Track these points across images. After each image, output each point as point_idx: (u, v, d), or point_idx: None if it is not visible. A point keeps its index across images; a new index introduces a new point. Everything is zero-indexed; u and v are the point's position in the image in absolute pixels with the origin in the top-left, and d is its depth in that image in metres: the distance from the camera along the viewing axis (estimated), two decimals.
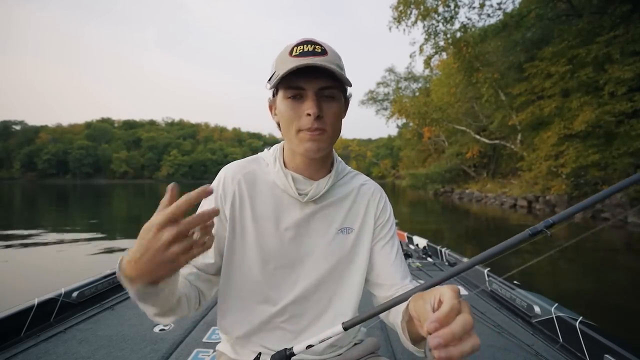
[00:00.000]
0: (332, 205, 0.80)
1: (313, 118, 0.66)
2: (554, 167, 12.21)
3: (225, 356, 0.86)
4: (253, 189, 0.78)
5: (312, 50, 0.67)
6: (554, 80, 12.43)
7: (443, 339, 0.37)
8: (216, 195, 0.78)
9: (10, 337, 1.51)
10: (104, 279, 2.15)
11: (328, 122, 0.69)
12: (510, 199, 14.80)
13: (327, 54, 0.68)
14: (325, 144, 0.71)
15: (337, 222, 0.79)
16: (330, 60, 0.67)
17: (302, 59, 0.65)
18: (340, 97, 0.72)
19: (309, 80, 0.66)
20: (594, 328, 1.44)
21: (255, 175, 0.80)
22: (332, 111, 0.69)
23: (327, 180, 0.78)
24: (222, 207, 0.77)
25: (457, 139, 24.07)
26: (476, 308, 1.89)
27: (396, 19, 17.41)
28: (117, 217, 12.19)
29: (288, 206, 0.78)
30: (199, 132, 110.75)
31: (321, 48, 0.68)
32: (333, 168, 0.80)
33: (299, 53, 0.67)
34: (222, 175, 0.80)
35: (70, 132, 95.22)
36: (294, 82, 0.67)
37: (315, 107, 0.66)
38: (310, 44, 0.68)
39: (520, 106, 15.14)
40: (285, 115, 0.70)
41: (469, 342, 0.38)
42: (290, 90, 0.68)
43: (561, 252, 6.00)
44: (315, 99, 0.67)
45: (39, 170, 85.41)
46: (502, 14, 15.89)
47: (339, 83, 0.69)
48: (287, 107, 0.69)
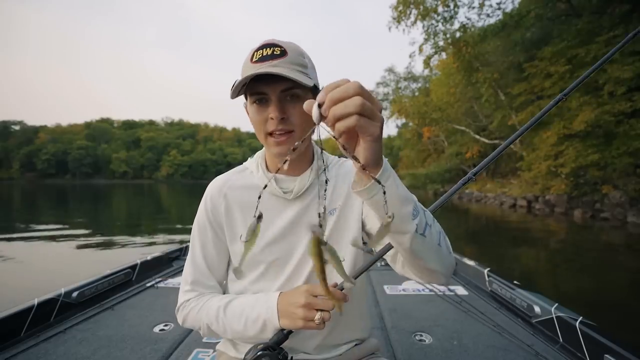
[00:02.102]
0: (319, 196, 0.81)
1: (277, 121, 0.68)
2: (553, 167, 12.22)
3: (225, 355, 0.86)
4: (240, 197, 0.81)
5: (270, 54, 0.67)
6: (554, 80, 12.44)
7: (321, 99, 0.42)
8: (207, 210, 0.82)
9: (10, 337, 1.51)
10: (104, 279, 2.15)
11: (295, 122, 0.70)
12: (510, 199, 14.81)
13: (287, 55, 0.68)
14: (293, 145, 0.71)
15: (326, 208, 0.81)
16: (290, 61, 0.68)
17: (261, 64, 0.67)
18: (307, 96, 0.71)
19: (269, 84, 0.68)
20: (594, 328, 1.44)
21: (240, 184, 0.83)
22: (297, 111, 0.70)
23: (309, 174, 0.80)
24: (216, 219, 0.81)
25: (457, 138, 24.07)
26: (476, 308, 1.89)
27: (396, 19, 17.45)
28: (117, 217, 12.18)
29: (276, 207, 0.79)
30: (199, 132, 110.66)
31: (280, 49, 0.68)
32: (314, 161, 0.82)
33: (258, 58, 0.68)
34: (208, 191, 0.84)
35: (70, 132, 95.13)
36: (256, 88, 0.69)
37: (276, 110, 0.68)
38: (269, 47, 0.68)
39: (520, 106, 15.15)
40: (253, 120, 0.73)
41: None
42: (254, 96, 0.71)
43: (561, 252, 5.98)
44: (277, 102, 0.69)
45: (38, 171, 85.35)
46: (501, 14, 15.93)
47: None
48: (254, 112, 0.72)
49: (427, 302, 2.06)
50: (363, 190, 0.51)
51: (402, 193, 0.54)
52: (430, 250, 0.60)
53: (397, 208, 0.53)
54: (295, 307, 0.69)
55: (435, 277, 0.66)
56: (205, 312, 0.78)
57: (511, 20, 14.93)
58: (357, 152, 0.47)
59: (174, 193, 31.86)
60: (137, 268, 2.42)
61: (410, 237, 0.56)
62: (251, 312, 0.74)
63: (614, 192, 10.56)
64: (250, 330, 0.74)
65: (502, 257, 5.78)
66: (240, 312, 0.75)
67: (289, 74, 0.65)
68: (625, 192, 10.26)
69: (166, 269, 2.65)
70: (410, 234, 0.56)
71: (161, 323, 1.74)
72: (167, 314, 1.84)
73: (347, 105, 0.41)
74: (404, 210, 0.54)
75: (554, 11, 14.38)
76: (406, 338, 1.62)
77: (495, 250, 6.38)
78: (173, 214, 13.23)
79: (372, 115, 0.43)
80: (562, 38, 12.74)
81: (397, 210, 0.53)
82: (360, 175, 0.51)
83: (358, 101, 0.41)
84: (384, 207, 0.48)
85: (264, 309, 0.73)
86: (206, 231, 0.82)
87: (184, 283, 0.83)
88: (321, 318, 0.66)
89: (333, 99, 0.41)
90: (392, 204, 0.52)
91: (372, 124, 0.43)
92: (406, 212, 0.54)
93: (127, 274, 2.34)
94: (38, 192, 31.07)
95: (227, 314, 0.76)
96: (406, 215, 0.55)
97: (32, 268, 4.73)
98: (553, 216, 11.24)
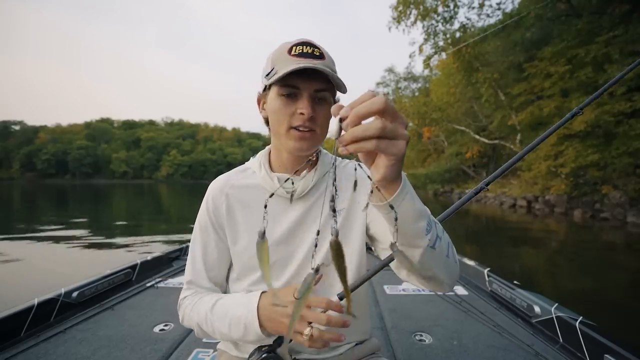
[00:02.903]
0: (322, 197, 0.81)
1: (306, 117, 0.68)
2: (553, 167, 12.22)
3: (226, 354, 0.86)
4: (242, 197, 0.80)
5: (311, 52, 0.68)
6: (554, 80, 12.45)
7: (343, 113, 0.40)
8: (208, 210, 0.81)
9: (10, 337, 1.51)
10: (104, 279, 2.14)
11: (319, 123, 0.71)
12: (510, 199, 14.81)
13: (325, 58, 0.69)
14: (312, 144, 0.72)
15: (326, 209, 0.79)
16: (327, 65, 0.69)
17: (302, 59, 0.67)
18: (331, 101, 0.73)
19: (305, 81, 0.68)
20: (594, 328, 1.44)
21: (242, 184, 0.82)
22: (324, 113, 0.71)
23: (313, 174, 0.79)
24: (217, 219, 0.81)
25: (457, 138, 24.06)
26: (476, 308, 1.89)
27: (396, 19, 17.45)
28: (117, 217, 12.18)
29: (278, 207, 0.79)
30: (199, 132, 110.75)
31: (319, 51, 0.69)
32: (318, 161, 0.81)
33: (298, 53, 0.68)
34: (210, 191, 0.83)
35: (70, 132, 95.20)
36: (291, 81, 0.68)
37: (309, 107, 0.68)
38: (309, 46, 0.69)
39: (520, 106, 15.15)
40: (277, 112, 0.71)
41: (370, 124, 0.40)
42: (285, 88, 0.69)
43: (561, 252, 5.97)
44: (309, 100, 0.69)
45: (38, 171, 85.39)
46: (501, 14, 15.94)
47: (331, 86, 0.71)
48: (281, 104, 0.70)
49: (427, 302, 2.06)
50: (381, 206, 0.50)
51: (418, 208, 0.53)
52: (438, 262, 0.60)
53: (412, 224, 0.52)
54: (281, 316, 0.65)
55: (440, 286, 0.66)
56: (197, 311, 0.77)
57: (511, 21, 14.95)
58: (376, 165, 0.46)
59: (174, 193, 31.86)
60: (137, 268, 2.42)
61: (421, 252, 0.55)
62: (234, 312, 0.72)
63: (614, 192, 10.57)
64: (235, 333, 0.71)
65: (502, 257, 5.78)
66: (224, 313, 0.73)
67: (332, 76, 0.67)
68: (625, 192, 10.26)
69: (166, 269, 2.65)
70: (422, 248, 0.55)
71: (161, 323, 1.74)
72: (167, 314, 1.83)
73: (368, 128, 0.39)
74: (419, 226, 0.53)
75: (554, 11, 14.39)
76: (406, 338, 1.62)
77: (495, 250, 6.38)
78: (173, 214, 13.22)
79: (394, 135, 0.41)
80: (562, 38, 12.75)
81: (412, 225, 0.53)
82: (376, 190, 0.50)
83: (379, 124, 0.39)
84: (398, 226, 0.47)
85: (244, 311, 0.70)
86: (207, 231, 0.82)
87: (184, 282, 0.83)
88: (310, 334, 0.59)
89: (358, 115, 0.39)
90: (407, 220, 0.52)
91: (394, 145, 0.42)
92: (420, 227, 0.54)
93: (127, 274, 2.34)
94: (38, 192, 31.06)
95: (214, 314, 0.74)
96: (420, 230, 0.54)
97: (32, 268, 4.73)
98: (553, 216, 11.24)
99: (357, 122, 0.39)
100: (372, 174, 0.48)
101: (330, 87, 0.71)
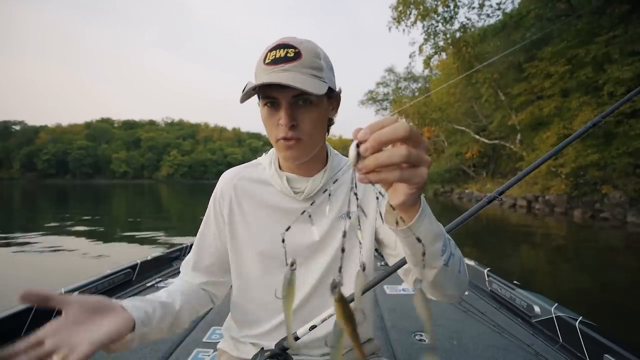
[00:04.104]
0: (330, 199, 0.80)
1: (287, 128, 0.66)
2: (553, 167, 12.22)
3: (226, 354, 0.86)
4: (250, 192, 0.80)
5: (283, 56, 0.64)
6: (554, 80, 12.46)
7: (361, 137, 0.36)
8: (215, 200, 0.82)
9: (10, 337, 1.50)
10: (104, 279, 2.14)
11: (304, 130, 0.67)
12: (510, 199, 14.81)
13: (301, 57, 0.64)
14: (302, 152, 0.70)
15: (335, 211, 0.78)
16: (303, 64, 0.64)
17: (273, 67, 0.64)
18: (321, 101, 0.69)
19: (279, 90, 0.65)
20: (594, 328, 1.44)
21: (251, 178, 0.82)
22: (309, 118, 0.67)
23: (322, 175, 0.77)
24: (221, 211, 0.81)
25: (457, 138, 24.08)
26: (476, 308, 1.89)
27: (396, 19, 17.46)
28: (117, 217, 12.18)
29: (286, 206, 0.78)
30: (199, 132, 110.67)
31: (294, 52, 0.64)
32: (328, 162, 0.80)
33: (271, 60, 0.65)
34: (220, 183, 0.84)
35: (70, 132, 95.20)
36: (267, 92, 0.66)
37: (286, 117, 0.65)
38: (283, 48, 0.65)
39: (520, 106, 15.17)
40: (264, 122, 0.71)
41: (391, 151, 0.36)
42: (265, 99, 0.68)
43: (561, 252, 5.98)
44: (288, 109, 0.66)
45: (38, 171, 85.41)
46: (501, 14, 15.94)
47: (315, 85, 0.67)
48: (265, 114, 0.70)
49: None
50: (397, 231, 0.49)
51: (435, 230, 0.51)
52: (450, 279, 0.59)
53: (429, 247, 0.51)
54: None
55: (448, 299, 0.64)
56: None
57: (511, 21, 14.96)
58: (395, 190, 0.43)
59: (174, 193, 31.87)
60: (137, 268, 2.41)
61: (435, 272, 0.55)
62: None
63: (614, 192, 10.57)
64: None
65: (502, 257, 5.78)
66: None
67: (300, 82, 0.62)
68: (625, 192, 10.26)
69: (166, 269, 2.65)
70: (437, 269, 0.54)
71: None
72: None
73: (392, 155, 0.36)
74: (435, 248, 0.52)
75: (554, 11, 14.40)
76: (406, 338, 1.62)
77: (495, 250, 6.38)
78: (173, 214, 13.22)
79: (419, 162, 0.38)
80: (562, 38, 12.75)
81: (429, 248, 0.51)
82: (392, 211, 0.47)
83: (404, 152, 0.36)
84: (425, 261, 0.47)
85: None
86: (209, 223, 0.83)
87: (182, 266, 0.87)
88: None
89: (379, 141, 0.35)
90: (425, 242, 0.49)
91: (418, 174, 0.39)
92: (437, 249, 0.52)
93: (127, 274, 2.34)
94: (38, 192, 31.08)
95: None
96: (436, 252, 0.53)
97: (32, 268, 4.74)
98: (553, 216, 11.24)
99: (377, 148, 0.36)
100: (390, 198, 0.45)
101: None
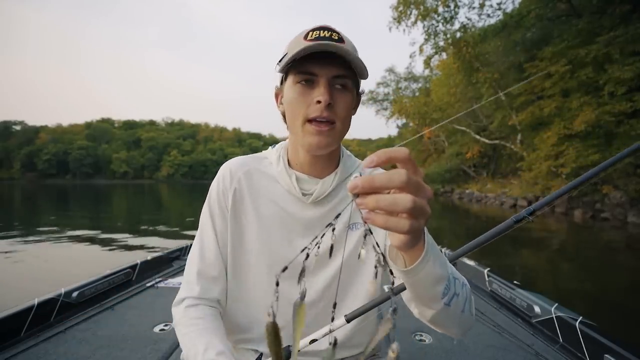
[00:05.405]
0: (340, 204, 0.74)
1: (324, 106, 0.62)
2: (554, 167, 12.22)
3: None
4: (254, 187, 0.75)
5: (329, 36, 0.62)
6: (554, 80, 12.44)
7: (360, 186, 0.33)
8: (217, 190, 0.75)
9: (10, 337, 1.51)
10: (104, 279, 2.14)
11: (339, 113, 0.64)
12: (511, 199, 14.80)
13: (344, 43, 0.63)
14: (332, 140, 0.66)
15: (344, 220, 0.73)
16: (348, 49, 0.62)
17: (319, 43, 0.61)
18: (353, 90, 0.67)
19: (322, 66, 0.62)
20: (594, 328, 1.44)
21: (256, 173, 0.76)
22: (344, 103, 0.65)
23: (332, 177, 0.73)
24: (225, 203, 0.74)
25: (457, 139, 24.07)
26: (476, 308, 1.88)
27: (396, 19, 17.45)
28: (118, 217, 12.18)
29: (292, 207, 0.73)
30: (199, 132, 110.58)
31: (338, 36, 0.63)
32: (340, 164, 0.75)
33: (314, 37, 0.62)
34: (222, 171, 0.77)
35: (70, 132, 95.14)
36: (307, 66, 0.63)
37: (327, 93, 0.62)
38: (327, 30, 0.63)
39: (520, 106, 15.15)
40: (292, 101, 0.65)
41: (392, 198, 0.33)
42: (301, 75, 0.64)
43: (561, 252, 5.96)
44: (327, 86, 0.63)
45: (38, 171, 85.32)
46: (502, 14, 15.93)
47: (352, 74, 0.65)
48: (296, 92, 0.64)
49: None
50: (400, 272, 0.47)
51: (438, 272, 0.48)
52: (451, 319, 0.55)
53: (430, 288, 0.49)
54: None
55: (449, 334, 0.62)
56: (183, 342, 0.67)
57: (511, 21, 14.94)
58: (392, 233, 0.39)
59: (175, 193, 31.85)
60: (137, 268, 2.42)
61: (434, 312, 0.52)
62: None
63: (614, 192, 10.56)
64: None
65: (502, 257, 5.78)
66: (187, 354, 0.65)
67: (353, 58, 0.60)
68: (626, 192, 10.25)
69: (166, 269, 2.65)
70: (436, 310, 0.52)
71: (161, 323, 1.75)
72: (167, 314, 1.82)
73: (396, 203, 0.33)
74: (436, 290, 0.49)
75: (554, 11, 14.38)
76: (406, 338, 1.62)
77: (495, 250, 6.38)
78: (173, 214, 13.22)
79: (420, 215, 0.35)
80: (562, 38, 12.74)
81: (429, 289, 0.49)
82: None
83: (409, 203, 0.33)
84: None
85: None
86: (215, 216, 0.75)
87: (187, 274, 0.75)
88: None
89: (371, 187, 0.33)
90: (424, 284, 0.48)
91: (419, 223, 0.35)
92: (437, 291, 0.49)
93: (127, 274, 2.34)
94: (39, 192, 31.08)
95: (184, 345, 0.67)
96: (436, 294, 0.50)
97: (32, 268, 4.73)
98: (553, 216, 11.23)
99: (369, 191, 0.33)
100: (390, 238, 0.41)
101: (351, 73, 0.65)
